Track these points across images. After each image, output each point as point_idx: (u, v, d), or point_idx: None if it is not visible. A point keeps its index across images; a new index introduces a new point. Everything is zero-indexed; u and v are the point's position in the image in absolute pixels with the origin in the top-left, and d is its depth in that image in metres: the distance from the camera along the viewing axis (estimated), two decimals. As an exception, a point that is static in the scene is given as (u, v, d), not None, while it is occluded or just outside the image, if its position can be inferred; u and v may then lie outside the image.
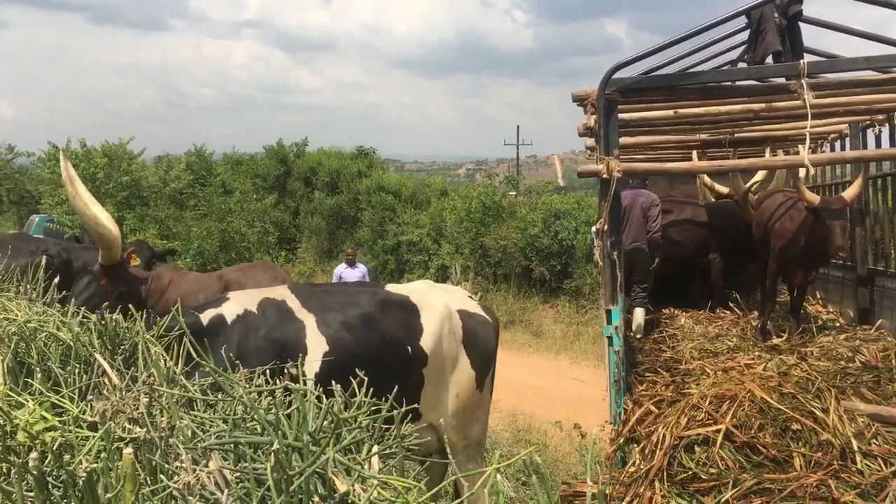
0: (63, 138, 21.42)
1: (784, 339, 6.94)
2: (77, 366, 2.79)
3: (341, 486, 1.44)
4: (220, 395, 2.06)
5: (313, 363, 4.16)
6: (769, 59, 6.05)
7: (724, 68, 6.81)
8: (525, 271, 19.44)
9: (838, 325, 7.69)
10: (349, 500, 1.44)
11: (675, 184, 10.68)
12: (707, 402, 4.50)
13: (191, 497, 1.46)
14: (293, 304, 4.43)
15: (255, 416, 1.66)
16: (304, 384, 4.10)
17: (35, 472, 1.62)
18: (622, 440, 4.86)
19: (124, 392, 2.44)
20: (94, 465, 1.60)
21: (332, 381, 4.31)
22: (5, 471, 1.89)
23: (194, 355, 2.36)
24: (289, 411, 1.74)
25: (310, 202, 26.97)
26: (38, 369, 2.71)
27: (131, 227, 18.66)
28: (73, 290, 6.87)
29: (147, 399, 2.27)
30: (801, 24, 6.14)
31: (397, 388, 4.59)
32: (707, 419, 4.37)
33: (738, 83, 6.33)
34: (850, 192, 6.80)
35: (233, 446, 1.64)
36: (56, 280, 4.23)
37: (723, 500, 3.83)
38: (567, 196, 21.84)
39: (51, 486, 1.76)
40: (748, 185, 8.31)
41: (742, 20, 6.21)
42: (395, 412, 1.90)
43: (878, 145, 7.50)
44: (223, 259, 16.88)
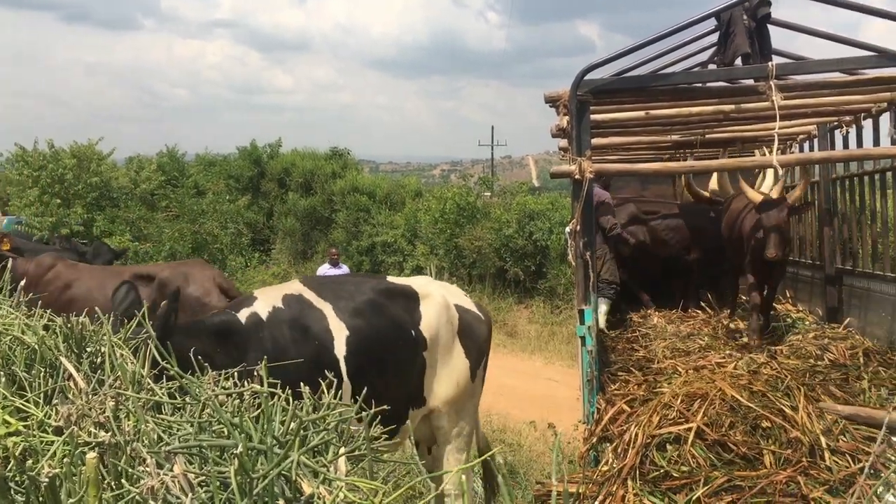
0: (30, 139, 21.11)
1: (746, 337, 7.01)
2: (42, 369, 2.75)
3: (307, 488, 1.43)
4: (187, 399, 2.03)
5: (341, 346, 4.51)
6: (738, 61, 6.11)
7: (695, 70, 6.86)
8: (499, 272, 19.48)
9: (807, 323, 7.79)
10: (314, 503, 1.43)
11: (647, 184, 10.76)
12: (679, 400, 4.53)
13: (154, 502, 1.44)
14: (310, 295, 4.69)
15: (221, 419, 1.64)
16: (334, 368, 4.23)
17: (-4, 478, 1.59)
18: (595, 439, 4.87)
19: (90, 396, 2.41)
20: (57, 471, 1.58)
21: (360, 362, 4.46)
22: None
23: (158, 359, 2.34)
24: (255, 413, 1.73)
25: (284, 203, 26.81)
26: (1, 373, 2.66)
27: (102, 229, 18.39)
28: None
29: (113, 403, 2.24)
30: (769, 26, 6.21)
31: (409, 368, 4.77)
32: (679, 418, 4.40)
33: (708, 85, 6.39)
34: (794, 193, 6.82)
35: (198, 449, 1.62)
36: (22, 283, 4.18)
37: (694, 497, 3.86)
38: (541, 197, 21.94)
39: (13, 492, 1.73)
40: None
41: (712, 22, 6.27)
42: (363, 413, 1.89)
43: (846, 146, 7.61)
44: (196, 261, 16.72)
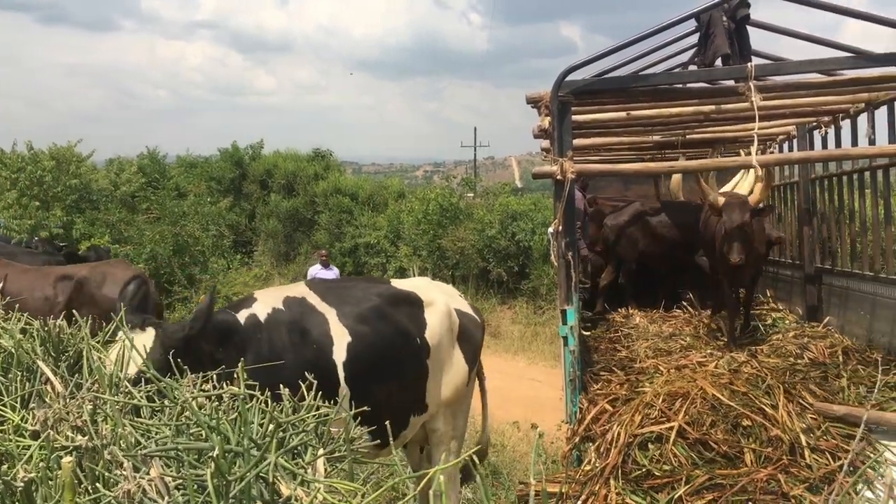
0: (8, 141, 20.86)
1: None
2: (19, 373, 2.71)
3: (285, 490, 1.42)
4: (166, 401, 2.02)
5: (341, 352, 4.47)
6: (718, 62, 6.15)
7: (675, 71, 6.90)
8: (482, 272, 19.49)
9: (787, 322, 7.85)
10: (292, 505, 1.42)
11: (629, 185, 10.81)
12: (660, 399, 4.56)
13: (130, 506, 1.42)
14: (313, 299, 4.66)
15: (198, 422, 1.62)
16: (331, 373, 4.21)
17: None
18: (578, 439, 4.88)
19: (68, 399, 2.38)
20: (32, 475, 1.56)
21: (360, 369, 4.44)
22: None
23: (137, 364, 2.31)
24: (233, 416, 1.72)
25: (266, 205, 26.69)
26: (-24, 378, 2.62)
27: (81, 232, 18.21)
28: None
29: (91, 406, 2.21)
30: (749, 27, 6.25)
31: (412, 377, 4.75)
32: (660, 417, 4.43)
33: (688, 85, 6.43)
34: (753, 197, 6.68)
35: (175, 453, 1.61)
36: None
37: (676, 496, 3.88)
38: (524, 197, 21.97)
39: (-12, 497, 1.70)
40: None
41: (692, 23, 6.30)
42: (344, 415, 1.88)
43: (825, 146, 7.68)
44: (176, 263, 16.57)
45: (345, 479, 1.59)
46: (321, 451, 1.63)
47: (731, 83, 6.07)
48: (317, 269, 13.21)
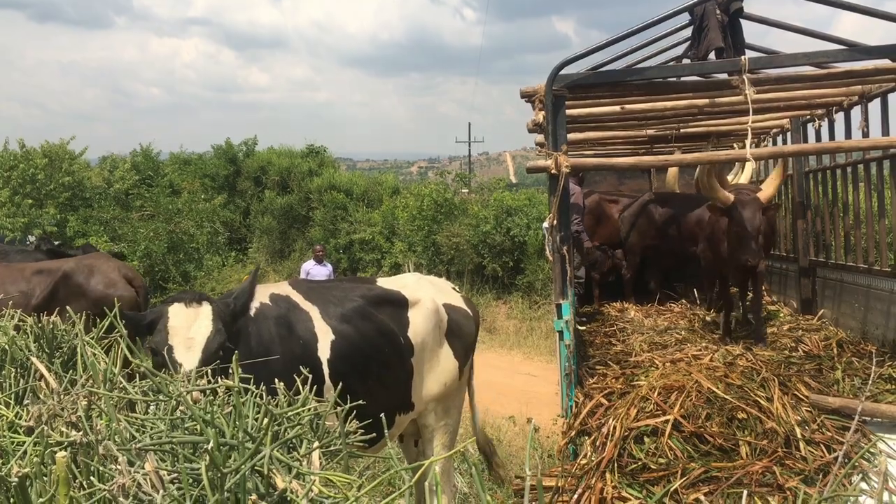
0: (0, 139, 20.79)
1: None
2: (13, 370, 2.71)
3: (280, 483, 1.42)
4: (160, 396, 2.01)
5: (325, 349, 4.48)
6: (712, 56, 6.16)
7: (669, 64, 6.91)
8: (478, 268, 19.49)
9: (782, 315, 7.87)
10: (287, 498, 1.41)
11: (623, 179, 10.82)
12: (656, 393, 4.57)
13: (125, 499, 1.42)
14: (296, 297, 4.66)
15: (193, 416, 1.62)
16: (316, 370, 4.20)
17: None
18: (573, 433, 4.89)
19: (62, 396, 2.37)
20: (27, 470, 1.55)
21: (343, 367, 4.43)
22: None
23: (129, 357, 2.31)
24: (228, 410, 1.71)
25: (260, 202, 26.62)
26: (-30, 376, 2.61)
27: (75, 230, 18.16)
28: None
29: (85, 402, 2.20)
30: (742, 20, 6.26)
31: (395, 376, 4.74)
32: (656, 410, 4.43)
33: (682, 79, 6.43)
34: (765, 193, 6.50)
35: (171, 447, 1.60)
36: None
37: (672, 489, 3.89)
38: (518, 193, 21.97)
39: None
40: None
41: (686, 17, 6.31)
42: (337, 409, 1.88)
43: (819, 139, 7.69)
44: (171, 260, 16.55)
45: (341, 472, 1.59)
46: (316, 444, 1.63)
47: (724, 76, 6.07)
48: (311, 265, 13.12)
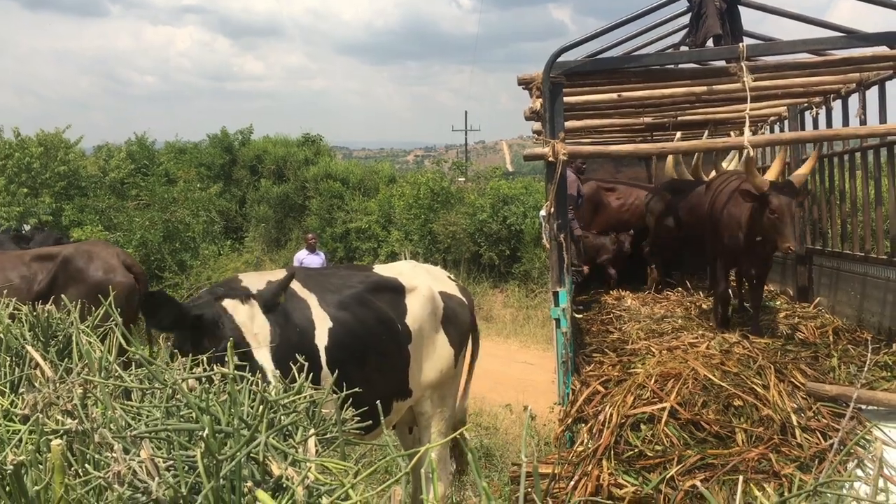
0: (-5, 127, 20.67)
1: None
2: (8, 358, 2.69)
3: (276, 470, 1.41)
4: (156, 384, 2.00)
5: (322, 336, 4.46)
6: (710, 43, 6.13)
7: (667, 52, 6.88)
8: (474, 257, 19.49)
9: (778, 303, 7.88)
10: (283, 485, 1.41)
11: (621, 167, 10.79)
12: (652, 380, 4.57)
13: (120, 487, 1.41)
14: (294, 285, 4.59)
15: (188, 403, 1.61)
16: (313, 357, 4.20)
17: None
18: (570, 420, 4.89)
19: (57, 384, 2.36)
20: (22, 458, 1.54)
21: (341, 354, 4.42)
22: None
23: (124, 345, 2.30)
24: (223, 398, 1.71)
25: (256, 191, 26.55)
26: (-35, 364, 2.60)
27: (71, 219, 18.11)
28: None
29: (81, 390, 2.20)
30: (740, 7, 6.24)
31: (393, 363, 4.75)
32: (652, 398, 4.43)
33: (680, 66, 6.41)
34: (799, 175, 6.32)
35: (166, 434, 1.60)
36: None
37: (668, 476, 3.89)
38: (515, 181, 21.96)
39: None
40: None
41: (684, 3, 6.28)
42: (335, 397, 1.87)
43: (816, 127, 7.68)
44: (167, 249, 16.52)
45: (337, 459, 1.58)
46: (312, 431, 1.62)
47: (722, 64, 6.05)
48: (304, 255, 13.03)
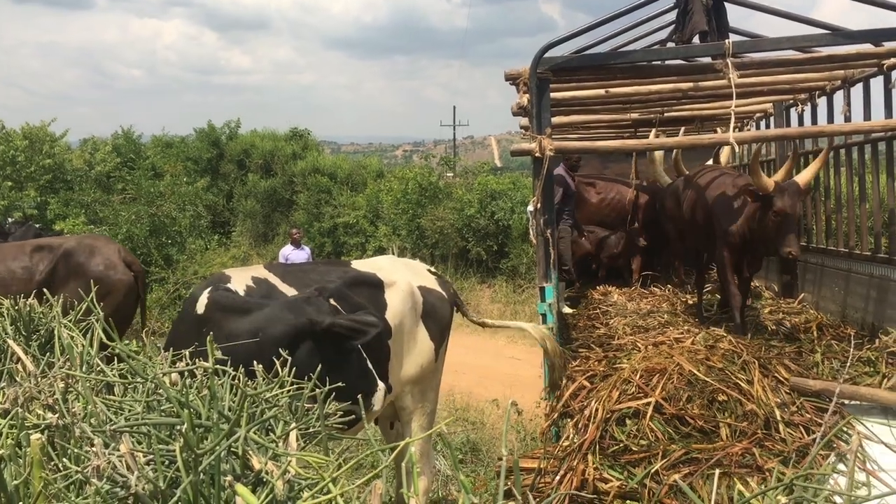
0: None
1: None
2: (-11, 352, 2.68)
3: (257, 464, 1.41)
4: (137, 378, 1.99)
5: None
6: (696, 39, 6.15)
7: (654, 48, 6.90)
8: (462, 252, 19.49)
9: (764, 298, 7.92)
10: (263, 479, 1.40)
11: (607, 163, 10.82)
12: (637, 375, 4.59)
13: (99, 481, 1.40)
14: (274, 280, 4.65)
15: (168, 398, 1.61)
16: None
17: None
18: (556, 415, 4.91)
19: (39, 378, 2.35)
20: (1, 452, 1.54)
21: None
22: None
23: (106, 341, 2.29)
24: (203, 393, 1.70)
25: (243, 185, 26.43)
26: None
27: (56, 213, 17.97)
28: None
29: (62, 385, 2.19)
30: (726, 4, 6.26)
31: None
32: (638, 393, 4.45)
33: (666, 63, 6.43)
34: (803, 178, 6.00)
35: (146, 428, 1.59)
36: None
37: (653, 470, 3.91)
38: (503, 176, 21.97)
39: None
40: None
41: (671, 0, 6.30)
42: (317, 391, 1.87)
43: (801, 124, 7.72)
44: (153, 244, 16.42)
45: (319, 454, 1.58)
46: (293, 426, 1.62)
47: (708, 60, 6.08)
48: (289, 250, 12.92)
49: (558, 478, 4.14)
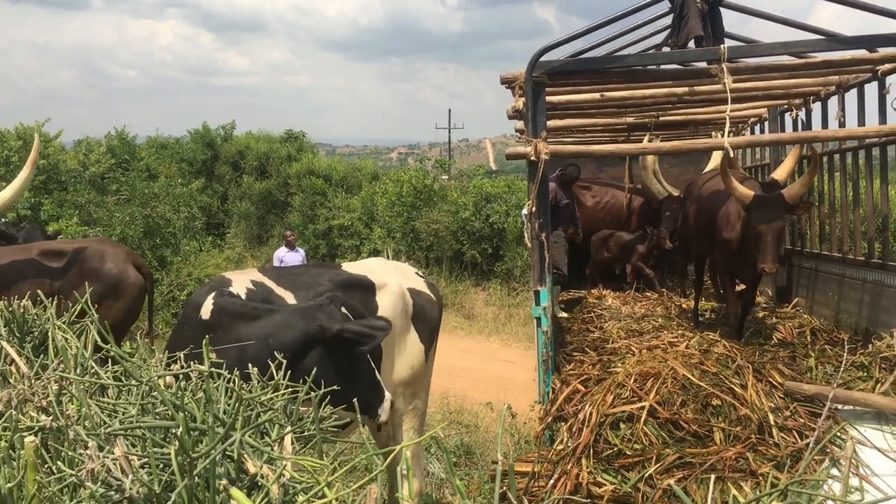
0: (-26, 120, 20.36)
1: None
2: (-18, 354, 2.66)
3: (252, 468, 1.41)
4: (132, 381, 1.99)
5: None
6: (691, 44, 6.17)
7: (649, 52, 6.92)
8: (457, 255, 19.48)
9: (757, 303, 7.93)
10: (258, 483, 1.40)
11: (602, 167, 10.84)
12: (632, 379, 4.59)
13: (93, 484, 1.40)
14: (270, 283, 4.64)
15: (163, 401, 1.60)
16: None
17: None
18: (550, 419, 4.91)
19: (33, 380, 2.34)
20: (-7, 455, 1.53)
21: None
22: None
23: (100, 342, 2.28)
24: (198, 396, 1.70)
25: (238, 187, 26.38)
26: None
27: (49, 213, 17.90)
28: None
29: (56, 387, 2.18)
30: (722, 9, 6.28)
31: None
32: (632, 397, 4.46)
33: (661, 67, 6.44)
34: (791, 190, 5.80)
35: (141, 432, 1.59)
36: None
37: (646, 474, 3.92)
38: (498, 179, 21.97)
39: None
40: None
41: (666, 4, 6.31)
42: (312, 394, 1.86)
43: (796, 129, 7.74)
44: (147, 245, 16.37)
45: (313, 457, 1.58)
46: (288, 429, 1.62)
47: (703, 65, 6.09)
48: (283, 252, 12.86)
49: (552, 482, 4.14)
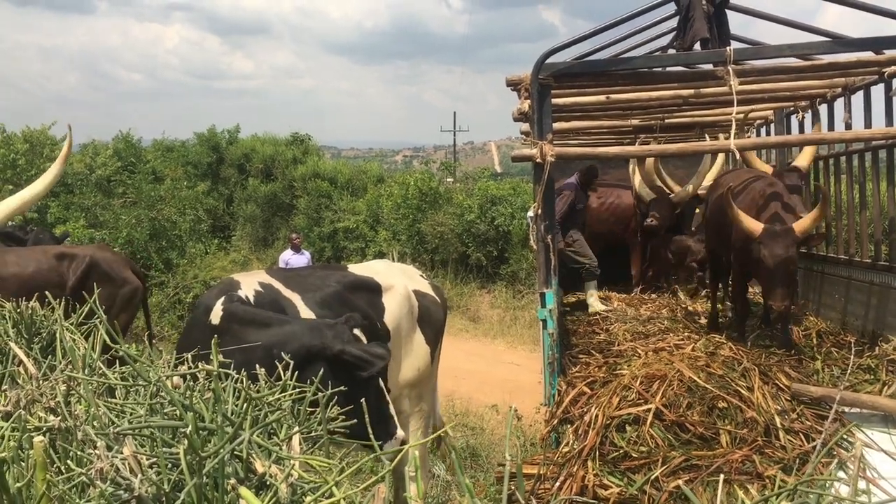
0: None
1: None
2: (-9, 355, 2.68)
3: (260, 467, 1.41)
4: (140, 381, 1.99)
5: None
6: (697, 46, 6.16)
7: (655, 54, 6.91)
8: (462, 257, 19.50)
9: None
10: (267, 482, 1.41)
11: (608, 169, 10.82)
12: (638, 382, 4.59)
13: (102, 483, 1.41)
14: (278, 285, 4.65)
15: (171, 400, 1.61)
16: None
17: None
18: (556, 421, 4.91)
19: (41, 381, 2.35)
20: (3, 455, 1.54)
21: None
22: None
23: (108, 341, 2.29)
24: (206, 396, 1.70)
25: (244, 189, 26.45)
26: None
27: (56, 216, 17.97)
28: None
29: (64, 387, 2.19)
30: (728, 11, 6.27)
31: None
32: (638, 399, 4.45)
33: (667, 69, 6.43)
34: (800, 225, 5.34)
35: (150, 431, 1.59)
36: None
37: (652, 477, 3.92)
38: (503, 182, 21.99)
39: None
40: None
41: (672, 7, 6.30)
42: (319, 395, 1.87)
43: (802, 131, 7.72)
44: (153, 248, 16.41)
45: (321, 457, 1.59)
46: (296, 429, 1.62)
47: (709, 67, 6.08)
48: (289, 255, 12.88)
49: (558, 484, 4.14)
